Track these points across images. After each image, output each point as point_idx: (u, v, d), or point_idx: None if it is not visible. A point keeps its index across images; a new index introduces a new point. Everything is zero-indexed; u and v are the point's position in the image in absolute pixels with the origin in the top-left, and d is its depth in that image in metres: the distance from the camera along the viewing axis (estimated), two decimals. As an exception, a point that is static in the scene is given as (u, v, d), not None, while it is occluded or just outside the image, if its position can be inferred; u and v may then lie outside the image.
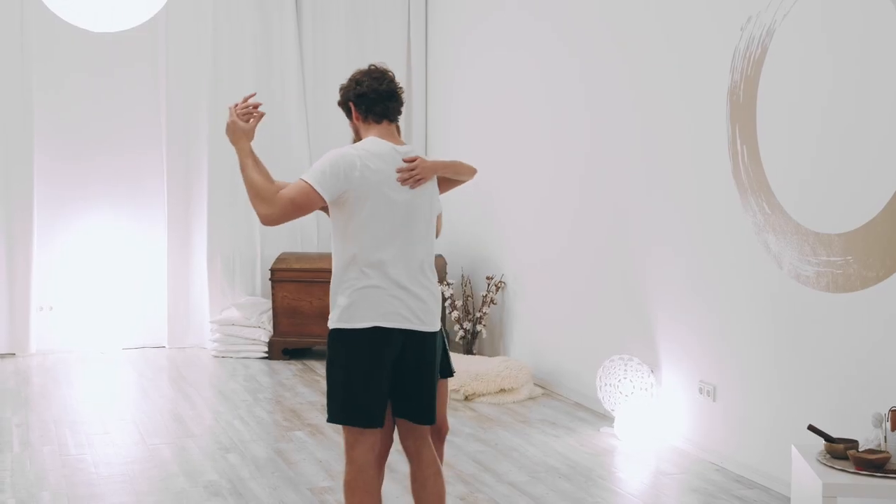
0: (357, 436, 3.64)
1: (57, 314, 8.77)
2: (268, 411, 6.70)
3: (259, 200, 3.56)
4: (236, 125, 3.71)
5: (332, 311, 3.64)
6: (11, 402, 6.85)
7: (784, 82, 4.95)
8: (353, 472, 3.65)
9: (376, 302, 3.58)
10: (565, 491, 5.09)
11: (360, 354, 3.60)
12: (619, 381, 6.08)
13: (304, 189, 3.54)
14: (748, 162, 5.18)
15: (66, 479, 5.22)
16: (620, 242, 6.43)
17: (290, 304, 8.47)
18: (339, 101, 3.86)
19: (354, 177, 3.56)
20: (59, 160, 8.70)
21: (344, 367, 3.61)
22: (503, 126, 7.93)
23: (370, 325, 3.57)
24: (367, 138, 3.73)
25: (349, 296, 3.59)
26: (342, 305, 3.59)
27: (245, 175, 3.65)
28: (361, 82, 3.77)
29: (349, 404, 3.62)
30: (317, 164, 3.60)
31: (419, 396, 3.73)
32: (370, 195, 3.58)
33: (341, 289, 3.62)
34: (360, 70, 3.85)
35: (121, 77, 8.83)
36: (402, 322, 3.61)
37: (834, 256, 4.62)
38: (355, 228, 3.60)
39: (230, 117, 3.70)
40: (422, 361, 3.70)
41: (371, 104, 3.75)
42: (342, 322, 3.59)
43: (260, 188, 3.58)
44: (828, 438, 4.00)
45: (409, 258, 3.66)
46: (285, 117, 9.14)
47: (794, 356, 4.94)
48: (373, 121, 3.77)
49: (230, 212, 8.99)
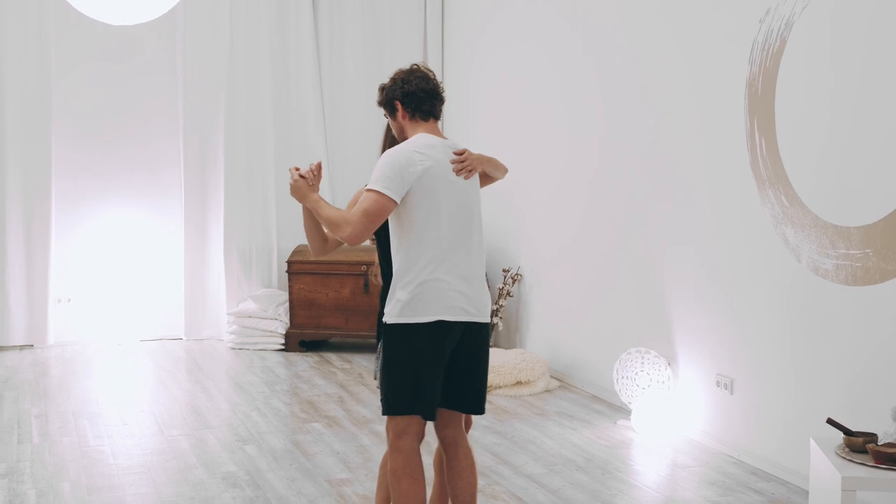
0: (406, 425, 3.71)
1: (75, 306, 8.82)
2: (285, 403, 6.72)
3: (337, 227, 3.63)
4: (299, 183, 3.76)
5: (390, 306, 3.68)
6: (30, 394, 6.89)
7: (803, 75, 4.92)
8: (400, 460, 3.71)
9: (439, 296, 3.64)
10: (582, 483, 5.09)
11: (424, 348, 3.65)
12: (636, 374, 6.07)
13: (372, 198, 3.58)
14: (766, 154, 5.16)
15: (85, 470, 5.25)
16: (637, 235, 6.42)
17: (306, 296, 8.49)
18: (382, 100, 3.88)
19: (416, 172, 3.62)
20: (77, 152, 8.75)
21: (407, 361, 3.66)
22: (519, 119, 7.92)
23: (434, 319, 3.63)
24: (418, 135, 3.77)
25: (412, 290, 3.63)
26: (404, 300, 3.63)
27: (321, 215, 3.72)
28: (409, 81, 3.80)
29: (411, 396, 3.67)
30: (377, 170, 3.63)
31: (472, 386, 3.81)
32: (430, 189, 3.65)
33: (402, 283, 3.65)
34: (402, 70, 3.88)
35: (138, 68, 8.87)
36: (463, 315, 3.68)
37: (853, 249, 4.60)
38: (417, 223, 3.65)
39: (292, 179, 3.76)
40: (476, 351, 3.79)
41: (419, 102, 3.80)
42: (405, 317, 3.63)
43: (335, 217, 3.66)
44: (846, 432, 3.98)
45: (466, 249, 3.73)
46: (301, 108, 9.15)
47: (812, 349, 4.93)
48: (420, 119, 3.82)
49: (247, 204, 9.01)
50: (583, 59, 7.05)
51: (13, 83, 8.41)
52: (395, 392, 3.70)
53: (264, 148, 9.05)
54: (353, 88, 9.35)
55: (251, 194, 9.03)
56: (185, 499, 4.81)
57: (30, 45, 8.43)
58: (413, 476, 3.72)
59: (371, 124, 9.18)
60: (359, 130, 9.37)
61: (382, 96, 3.88)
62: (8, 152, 8.43)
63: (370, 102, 9.22)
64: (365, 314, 8.34)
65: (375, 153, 4.45)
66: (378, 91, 3.91)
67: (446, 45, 9.39)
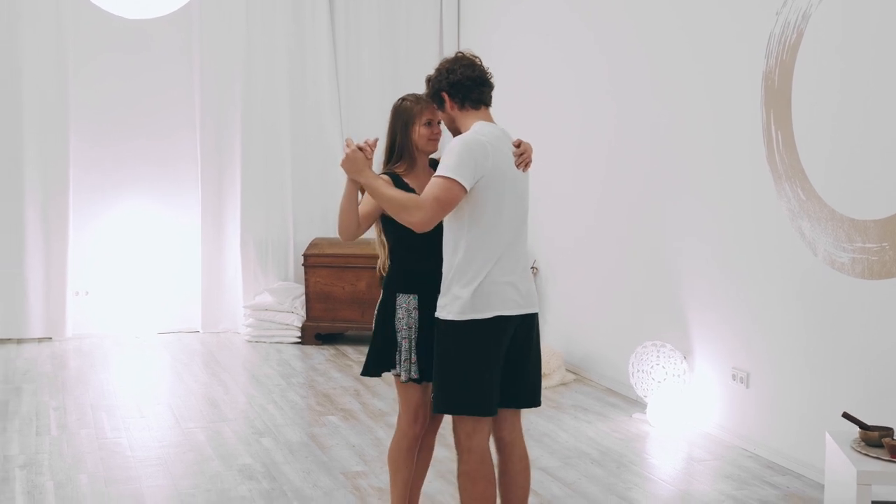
0: (475, 424, 3.62)
1: (93, 299, 8.87)
2: (301, 396, 6.75)
3: (406, 210, 3.53)
4: (357, 156, 3.67)
5: (447, 303, 3.60)
6: (49, 386, 6.93)
7: (820, 67, 4.90)
8: (474, 462, 3.63)
9: (499, 292, 3.57)
10: (597, 476, 5.09)
11: (485, 344, 3.58)
12: (652, 368, 6.06)
13: (445, 185, 3.48)
14: (783, 148, 5.14)
15: (102, 461, 5.29)
16: (653, 228, 6.41)
17: (322, 289, 8.51)
18: (429, 92, 3.77)
19: (488, 165, 3.53)
20: (94, 145, 8.79)
21: (469, 358, 3.58)
22: (534, 112, 7.91)
23: (494, 315, 3.56)
24: (479, 123, 3.65)
25: (474, 287, 3.55)
26: (464, 297, 3.55)
27: (383, 194, 3.61)
28: (454, 70, 3.68)
29: (475, 394, 3.59)
30: (449, 157, 3.51)
31: (528, 378, 3.74)
32: (498, 183, 3.57)
33: (463, 281, 3.57)
34: (447, 59, 3.77)
35: (155, 61, 8.90)
36: (518, 308, 3.62)
37: (869, 243, 4.58)
38: (483, 219, 3.57)
39: (349, 150, 3.68)
40: (529, 342, 3.72)
41: (467, 91, 3.68)
42: (465, 314, 3.55)
43: (403, 200, 3.56)
44: (862, 426, 3.97)
45: (521, 243, 3.70)
46: (317, 100, 9.17)
47: (828, 343, 4.91)
48: (470, 107, 3.69)
49: (263, 197, 9.04)
50: (596, 54, 7.03)
51: (31, 77, 8.45)
52: (457, 389, 3.60)
53: (280, 140, 9.06)
54: (369, 81, 9.35)
55: (268, 187, 9.05)
56: (201, 491, 4.83)
57: (48, 39, 8.46)
58: (488, 478, 3.65)
59: (387, 115, 9.14)
60: (375, 123, 9.34)
61: (430, 89, 3.77)
62: (26, 145, 8.47)
63: (386, 95, 9.25)
64: (381, 307, 8.34)
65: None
66: (425, 83, 3.80)
67: (462, 38, 9.38)
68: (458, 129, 3.72)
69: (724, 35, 5.67)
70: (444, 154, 3.56)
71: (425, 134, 3.86)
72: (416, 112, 3.86)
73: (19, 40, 8.41)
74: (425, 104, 3.85)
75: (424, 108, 3.85)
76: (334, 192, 9.19)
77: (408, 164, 3.89)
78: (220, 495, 4.78)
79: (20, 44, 8.41)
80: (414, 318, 3.81)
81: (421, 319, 3.80)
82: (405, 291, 3.83)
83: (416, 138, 3.87)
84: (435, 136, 3.89)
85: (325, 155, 9.17)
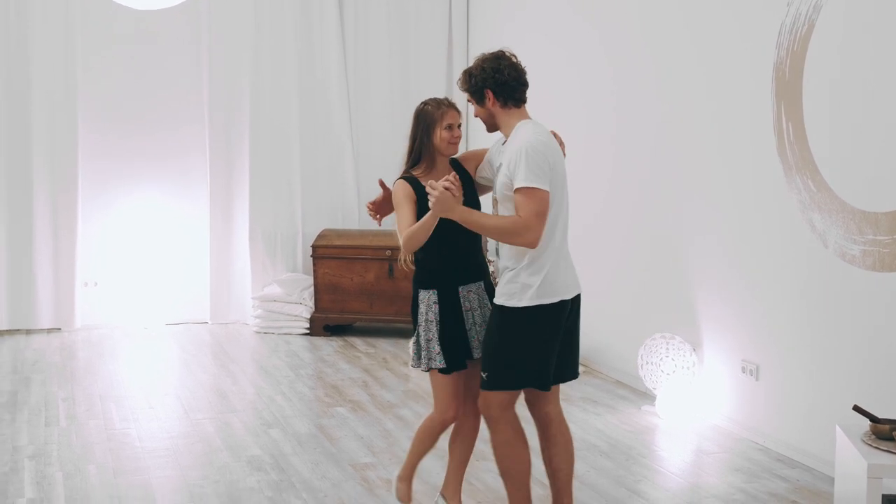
0: (511, 398, 3.93)
1: (101, 290, 8.88)
2: (309, 387, 6.75)
3: (516, 235, 3.72)
4: (445, 196, 3.75)
5: (515, 291, 3.81)
6: (57, 377, 6.95)
7: (831, 59, 4.87)
8: (511, 430, 3.94)
9: (561, 279, 3.86)
10: (606, 469, 5.08)
11: (552, 326, 3.85)
12: (661, 360, 6.05)
13: (538, 196, 3.68)
14: (794, 139, 5.12)
15: (111, 452, 5.30)
16: (663, 221, 6.39)
17: (331, 280, 8.51)
18: (469, 87, 3.90)
19: (551, 162, 3.75)
20: (103, 137, 8.78)
21: (538, 339, 3.84)
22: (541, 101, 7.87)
23: (559, 300, 3.84)
24: (530, 122, 3.86)
25: (542, 276, 3.80)
26: (534, 285, 3.79)
27: (485, 225, 3.80)
28: (500, 70, 3.85)
29: (539, 371, 3.87)
30: (528, 164, 3.68)
31: (572, 353, 4.08)
32: (559, 175, 3.81)
33: (531, 270, 3.79)
34: (490, 56, 3.90)
35: (163, 53, 8.89)
36: (573, 291, 3.93)
37: (881, 235, 4.56)
38: (550, 211, 3.77)
39: (437, 192, 3.75)
40: (576, 320, 4.05)
41: (512, 91, 3.87)
42: (535, 300, 3.79)
43: (507, 226, 3.74)
44: (873, 419, 3.96)
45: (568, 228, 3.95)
46: (327, 91, 9.16)
47: (838, 336, 4.90)
48: (513, 106, 3.88)
49: (272, 189, 9.04)
50: (601, 46, 7.00)
51: (40, 68, 8.45)
52: (518, 369, 3.86)
53: (289, 132, 9.06)
54: (377, 73, 9.33)
55: (276, 179, 9.05)
56: (210, 482, 4.84)
57: (56, 31, 8.46)
58: (524, 442, 3.98)
59: (396, 109, 9.19)
60: (384, 116, 9.36)
61: (469, 82, 3.90)
62: (34, 137, 8.48)
63: (395, 87, 9.24)
64: (389, 298, 8.35)
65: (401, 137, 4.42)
66: (462, 75, 3.93)
67: (471, 35, 9.35)
68: (497, 126, 3.93)
69: (734, 26, 5.64)
70: (513, 162, 3.71)
71: (446, 137, 4.04)
72: (437, 117, 4.04)
73: (28, 31, 8.40)
74: (446, 108, 4.04)
75: (446, 112, 4.04)
76: (343, 183, 9.22)
77: (427, 167, 4.07)
78: (228, 486, 4.78)
79: (29, 35, 8.40)
80: (434, 312, 4.05)
81: (442, 313, 4.05)
82: (425, 287, 4.09)
83: (438, 142, 4.04)
84: (455, 140, 4.06)
85: (333, 147, 9.17)
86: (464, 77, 3.91)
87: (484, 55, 3.92)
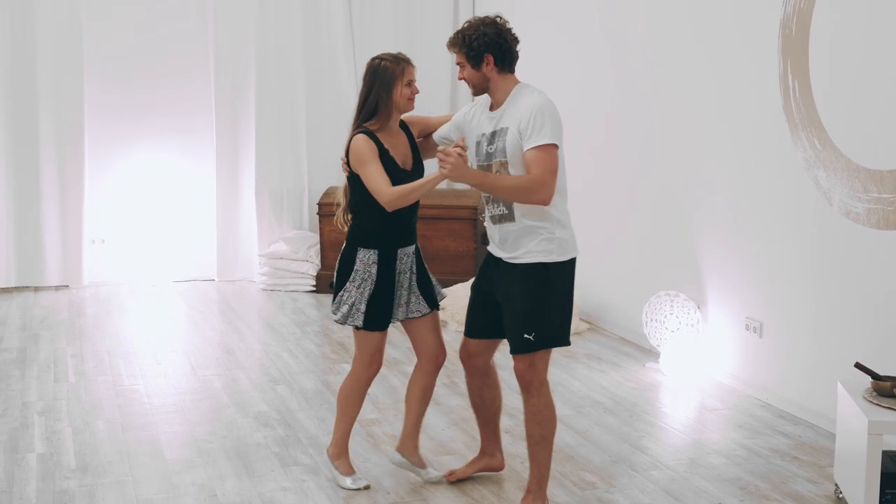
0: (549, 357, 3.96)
1: (109, 247, 8.91)
2: (316, 344, 6.79)
3: (531, 193, 3.73)
4: (460, 163, 3.77)
5: (553, 248, 3.84)
6: (66, 334, 7.00)
7: (838, 15, 4.85)
8: (548, 392, 3.99)
9: (573, 234, 3.94)
10: (610, 425, 5.12)
11: (572, 280, 3.95)
12: (665, 317, 6.07)
13: (553, 153, 3.73)
14: (799, 97, 5.10)
15: (119, 408, 5.35)
16: (668, 178, 6.38)
17: (337, 237, 8.50)
18: (465, 48, 3.86)
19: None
20: (109, 94, 8.77)
21: (571, 293, 3.94)
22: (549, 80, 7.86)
23: (575, 255, 3.93)
24: (527, 85, 3.90)
25: (570, 230, 3.91)
26: (566, 238, 3.88)
27: (499, 185, 3.79)
28: (504, 36, 3.87)
29: (567, 327, 3.94)
30: (552, 122, 3.74)
31: None
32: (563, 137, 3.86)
33: (562, 224, 3.86)
34: (488, 20, 3.89)
35: (169, 11, 8.85)
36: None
37: (885, 193, 4.56)
38: (563, 166, 3.86)
39: (452, 158, 3.75)
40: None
41: (512, 58, 3.92)
42: (573, 252, 3.91)
43: (522, 184, 3.74)
44: (874, 376, 3.98)
45: None
46: (332, 48, 9.12)
47: (841, 294, 4.91)
48: (508, 71, 3.91)
49: (278, 146, 9.03)
50: None
51: (45, 27, 8.41)
52: (566, 325, 3.93)
53: (295, 90, 9.03)
54: (383, 30, 9.26)
55: (282, 137, 9.04)
56: (217, 437, 4.89)
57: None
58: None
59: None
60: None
61: (465, 44, 3.85)
62: (41, 95, 8.47)
63: (400, 45, 9.15)
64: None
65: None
66: (457, 37, 3.88)
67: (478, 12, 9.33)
68: (487, 89, 3.91)
69: (741, -18, 5.60)
70: (532, 121, 3.72)
71: (406, 94, 4.06)
72: (398, 73, 4.05)
73: (33, -12, 8.38)
74: (406, 64, 4.06)
75: (406, 68, 4.07)
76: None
77: (382, 122, 4.06)
78: (235, 442, 4.83)
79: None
80: (372, 273, 4.08)
81: (379, 273, 4.08)
82: (366, 247, 4.11)
83: (398, 98, 4.05)
84: (413, 96, 4.08)
85: (339, 104, 9.14)
86: (459, 40, 3.86)
87: (479, 18, 3.90)
